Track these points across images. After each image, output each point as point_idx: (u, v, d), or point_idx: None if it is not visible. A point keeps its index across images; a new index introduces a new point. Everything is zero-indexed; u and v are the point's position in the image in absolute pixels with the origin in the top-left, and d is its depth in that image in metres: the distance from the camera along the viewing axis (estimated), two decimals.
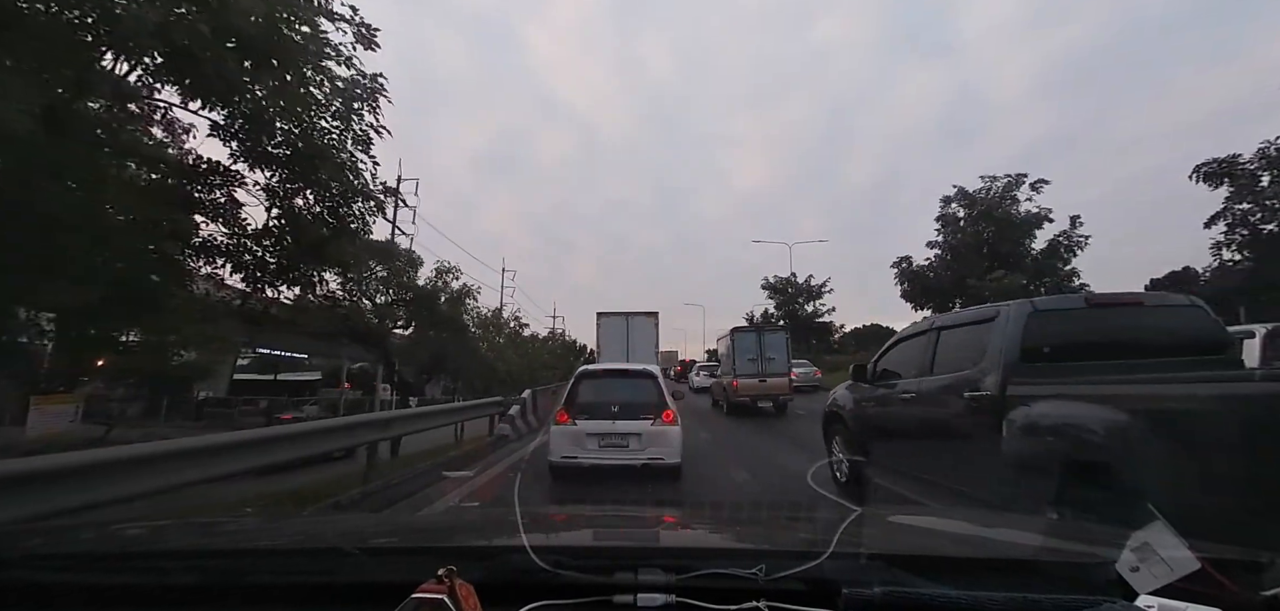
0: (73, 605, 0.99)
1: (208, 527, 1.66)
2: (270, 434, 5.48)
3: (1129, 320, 4.06)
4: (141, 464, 3.72)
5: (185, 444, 4.23)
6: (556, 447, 6.07)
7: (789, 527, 1.82)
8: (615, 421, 6.00)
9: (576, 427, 6.03)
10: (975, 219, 23.65)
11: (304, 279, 9.01)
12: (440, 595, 0.75)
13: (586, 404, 6.20)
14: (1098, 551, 1.15)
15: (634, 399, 6.22)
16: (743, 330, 16.84)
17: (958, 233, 24.11)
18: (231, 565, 1.13)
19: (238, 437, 4.84)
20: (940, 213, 24.85)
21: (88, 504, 3.29)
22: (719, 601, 0.86)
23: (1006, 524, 1.72)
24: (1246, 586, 0.89)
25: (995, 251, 22.57)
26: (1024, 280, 20.72)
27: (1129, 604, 0.83)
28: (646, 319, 16.87)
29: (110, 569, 1.10)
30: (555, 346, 43.25)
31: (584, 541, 1.49)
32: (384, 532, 1.60)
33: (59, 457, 3.35)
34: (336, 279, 9.87)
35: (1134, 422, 2.70)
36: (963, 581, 0.92)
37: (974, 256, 22.91)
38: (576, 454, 5.93)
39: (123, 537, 1.46)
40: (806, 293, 35.09)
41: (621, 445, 5.93)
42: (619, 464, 5.84)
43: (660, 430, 6.00)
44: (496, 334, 30.69)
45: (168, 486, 3.89)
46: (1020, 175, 22.77)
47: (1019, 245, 22.65)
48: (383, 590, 0.84)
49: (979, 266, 22.13)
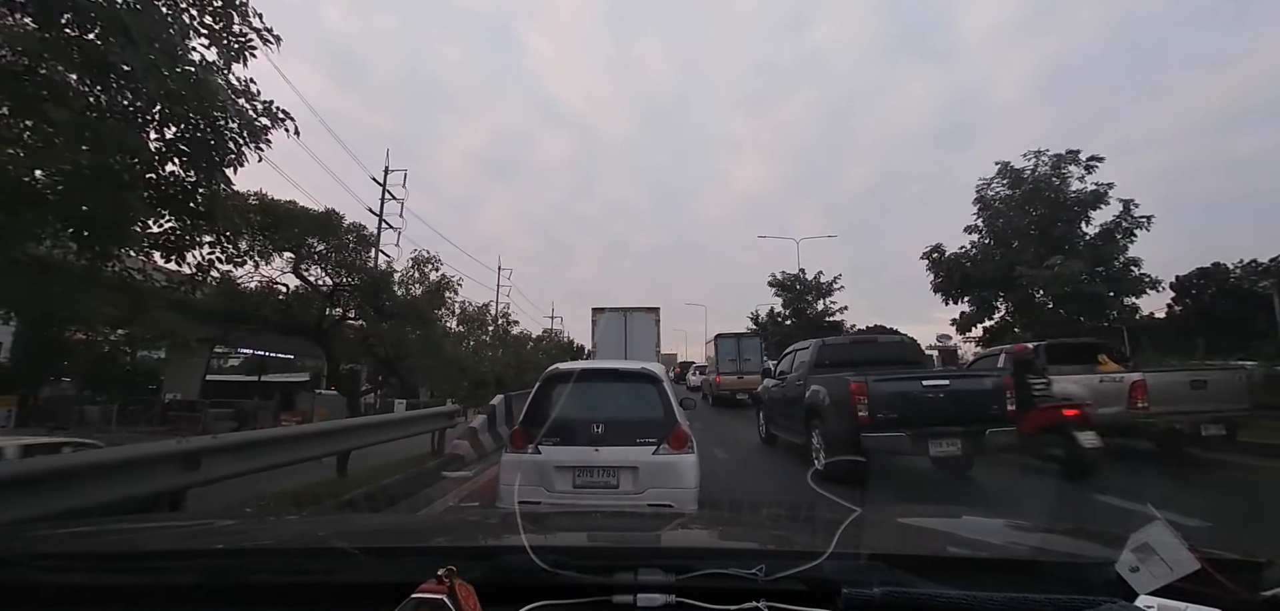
0: (73, 605, 0.99)
1: (208, 528, 1.66)
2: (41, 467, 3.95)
3: (869, 348, 8.45)
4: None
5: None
6: (506, 488, 4.26)
7: (789, 527, 1.82)
8: (599, 448, 4.10)
9: (540, 458, 4.06)
10: (1023, 199, 20.48)
11: (162, 238, 6.21)
12: (440, 595, 0.75)
13: (556, 421, 4.13)
14: (1097, 551, 1.15)
15: (628, 414, 4.34)
16: (724, 336, 20.35)
17: (1001, 215, 21.00)
18: (231, 565, 1.13)
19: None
20: (978, 194, 21.68)
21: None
22: (719, 601, 0.86)
23: (1006, 524, 1.72)
24: (1246, 586, 0.89)
25: (1046, 235, 19.60)
26: (1082, 268, 17.80)
27: (1129, 604, 0.83)
28: (646, 315, 16.19)
29: (111, 569, 1.10)
30: (549, 346, 40.54)
31: (584, 541, 1.50)
32: (384, 532, 1.60)
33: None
34: (218, 243, 6.83)
35: (827, 392, 6.93)
36: (963, 581, 0.92)
37: (1022, 241, 20.05)
38: (538, 498, 3.98)
39: (123, 537, 1.46)
40: (816, 290, 33.13)
41: (608, 483, 4.08)
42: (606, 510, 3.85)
43: (668, 462, 4.09)
44: (480, 330, 28.44)
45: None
46: (1071, 151, 19.75)
47: (1074, 227, 19.65)
48: (383, 590, 0.84)
49: (1029, 252, 19.31)
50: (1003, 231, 20.86)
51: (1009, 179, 20.85)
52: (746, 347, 19.49)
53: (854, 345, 8.98)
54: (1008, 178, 20.86)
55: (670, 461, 4.09)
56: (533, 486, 4.04)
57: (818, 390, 7.15)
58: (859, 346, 8.68)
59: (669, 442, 4.14)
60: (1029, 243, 19.75)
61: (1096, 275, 18.31)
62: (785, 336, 29.20)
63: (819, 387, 7.16)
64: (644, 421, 4.25)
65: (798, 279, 32.88)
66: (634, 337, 15.63)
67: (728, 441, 10.26)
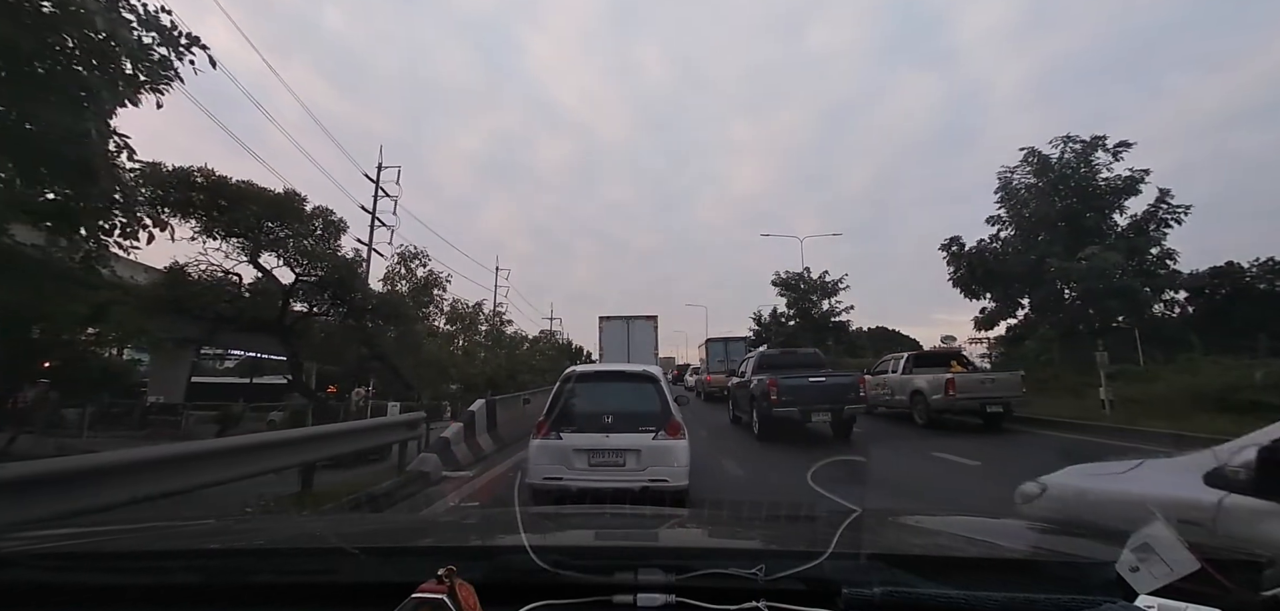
0: (73, 605, 0.99)
1: (208, 528, 1.66)
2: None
3: (792, 357, 12.43)
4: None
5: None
6: (536, 467, 5.23)
7: (789, 527, 1.82)
8: (609, 434, 5.19)
9: (561, 442, 5.20)
10: (1051, 186, 18.82)
11: (44, 208, 4.86)
12: (440, 595, 0.75)
13: (574, 413, 5.32)
14: (1097, 551, 1.15)
15: (632, 407, 5.41)
16: (714, 340, 24.60)
17: (1026, 204, 19.50)
18: (231, 565, 1.13)
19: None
20: (1001, 183, 20.15)
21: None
22: (719, 601, 0.86)
23: (1006, 524, 1.72)
24: (1246, 586, 0.89)
25: (1075, 224, 18.24)
26: (1119, 260, 16.36)
27: (1129, 604, 0.83)
28: (646, 322, 18.59)
29: (111, 569, 1.10)
30: (546, 347, 38.02)
31: (584, 541, 1.49)
32: (384, 532, 1.60)
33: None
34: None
35: (759, 385, 10.40)
36: (962, 581, 0.92)
37: (1050, 232, 18.67)
38: (561, 474, 5.12)
39: (123, 537, 1.46)
40: (821, 289, 31.59)
41: (616, 463, 5.17)
42: (614, 486, 5.10)
43: (664, 446, 5.20)
44: (472, 330, 26.94)
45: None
46: (1097, 137, 18.33)
47: (1106, 217, 18.27)
48: (383, 590, 0.84)
49: (1060, 244, 17.91)
50: (1029, 221, 19.43)
51: (1036, 165, 19.27)
52: (733, 350, 22.98)
53: (783, 355, 13.00)
54: (1035, 164, 19.32)
55: (666, 445, 5.15)
56: (556, 465, 5.10)
57: (756, 383, 10.67)
58: (785, 356, 12.78)
59: (665, 430, 5.21)
60: (1058, 233, 18.44)
61: (1137, 264, 17.08)
62: (789, 337, 28.50)
63: (756, 382, 10.71)
64: (645, 413, 5.30)
65: (802, 278, 31.65)
66: (635, 342, 18.00)
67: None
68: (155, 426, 18.84)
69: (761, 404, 10.04)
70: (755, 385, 10.69)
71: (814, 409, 9.57)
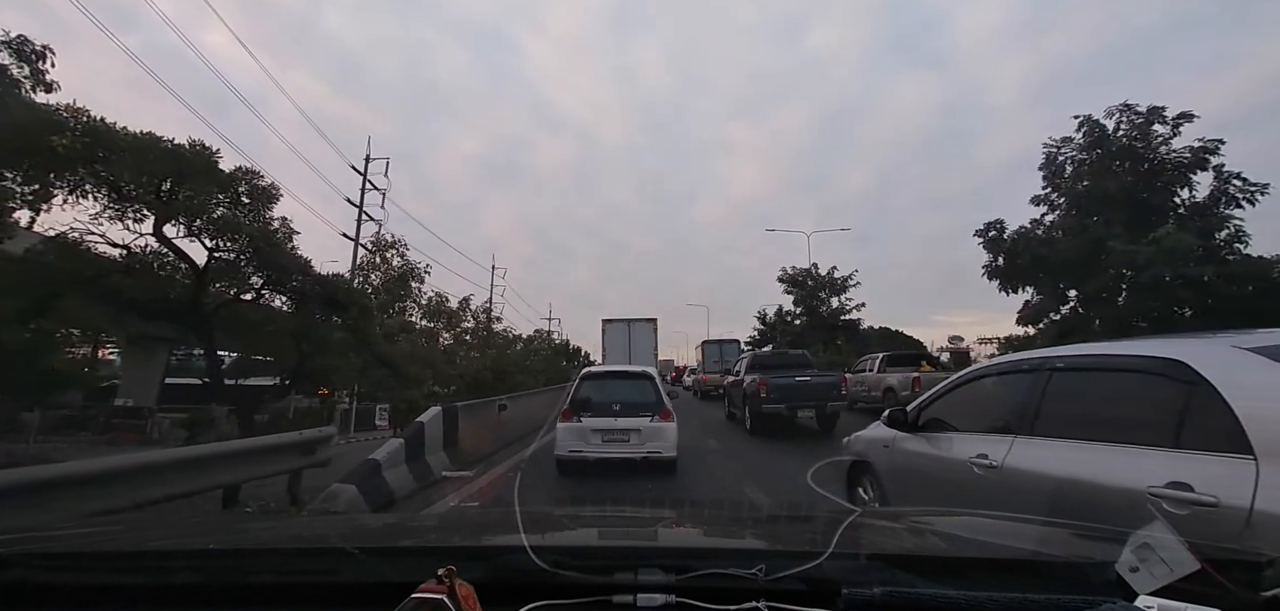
0: (73, 605, 0.99)
1: (208, 528, 1.66)
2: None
3: (781, 357, 13.64)
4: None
5: None
6: (563, 443, 6.59)
7: (789, 527, 1.82)
8: (617, 418, 6.58)
9: (581, 424, 6.60)
10: (1108, 159, 16.13)
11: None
12: (440, 595, 0.75)
13: (590, 402, 6.77)
14: (1097, 551, 1.15)
15: (634, 398, 6.79)
16: (709, 342, 26.05)
17: (1082, 177, 16.81)
18: (231, 565, 1.13)
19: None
20: (1046, 158, 17.48)
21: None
22: (719, 601, 0.86)
23: (1006, 524, 1.72)
24: (1246, 586, 0.89)
25: (1137, 201, 15.69)
26: (1195, 242, 13.74)
27: (1129, 604, 0.83)
28: (646, 325, 19.60)
29: (111, 568, 1.10)
30: (541, 346, 35.42)
31: (584, 541, 1.49)
32: (384, 532, 1.60)
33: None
34: None
35: (751, 383, 11.01)
36: (962, 581, 0.92)
37: (1112, 210, 15.96)
38: (581, 448, 6.51)
39: (123, 537, 1.46)
40: (830, 286, 30.10)
41: (623, 440, 6.52)
42: (621, 457, 6.46)
43: (658, 427, 6.60)
44: (455, 326, 25.13)
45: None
46: (1155, 107, 15.77)
47: (1172, 193, 15.74)
48: (383, 590, 0.84)
49: (1120, 224, 15.38)
50: (1084, 197, 16.56)
51: (1090, 136, 16.56)
52: (727, 351, 24.47)
53: (773, 356, 14.21)
54: (1089, 135, 16.61)
55: (660, 426, 6.65)
56: (578, 441, 6.56)
57: (748, 382, 11.46)
58: (775, 357, 13.92)
59: (659, 415, 6.70)
60: (1118, 212, 15.67)
61: (1211, 245, 14.41)
62: (797, 336, 27.88)
63: (748, 381, 11.53)
64: (644, 402, 6.80)
65: (809, 274, 30.13)
66: (636, 343, 18.89)
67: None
68: (119, 430, 17.95)
69: (752, 400, 10.81)
70: (747, 383, 11.55)
71: (800, 405, 10.54)
